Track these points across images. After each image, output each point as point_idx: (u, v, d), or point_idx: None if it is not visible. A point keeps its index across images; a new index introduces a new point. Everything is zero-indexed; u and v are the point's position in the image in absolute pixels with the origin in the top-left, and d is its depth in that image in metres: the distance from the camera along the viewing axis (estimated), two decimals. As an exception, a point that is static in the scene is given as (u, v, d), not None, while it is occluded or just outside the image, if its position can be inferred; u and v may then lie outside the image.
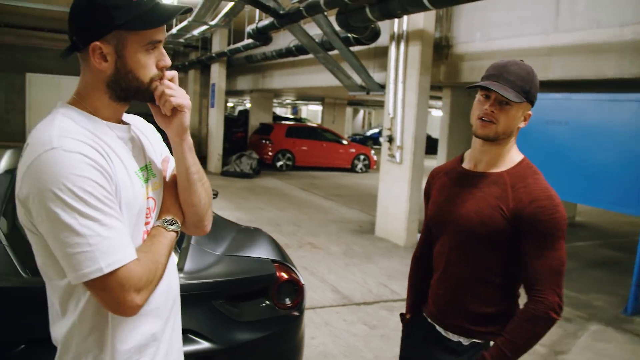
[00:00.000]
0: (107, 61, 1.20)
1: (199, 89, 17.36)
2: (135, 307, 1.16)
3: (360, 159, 17.15)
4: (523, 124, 1.69)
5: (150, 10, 1.19)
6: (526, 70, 1.64)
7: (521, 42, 6.09)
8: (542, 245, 1.58)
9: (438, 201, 1.81)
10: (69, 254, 1.10)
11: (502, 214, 1.62)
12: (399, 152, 7.38)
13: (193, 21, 10.23)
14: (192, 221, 1.41)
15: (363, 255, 6.72)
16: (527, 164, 1.70)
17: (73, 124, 1.18)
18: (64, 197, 1.08)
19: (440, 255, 1.80)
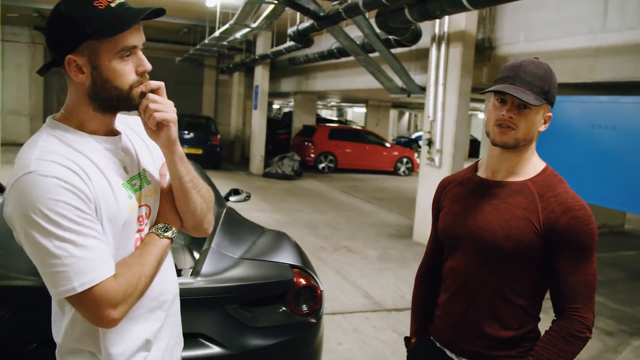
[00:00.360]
0: (83, 73, 1.20)
1: (243, 90, 17.55)
2: (113, 321, 1.19)
3: (403, 161, 16.96)
4: (543, 128, 1.55)
5: (118, 16, 1.17)
6: (544, 68, 1.51)
7: (566, 43, 5.86)
8: (578, 258, 1.46)
9: (452, 213, 1.66)
10: (47, 273, 1.14)
11: (532, 226, 1.48)
12: (438, 156, 7.23)
13: (235, 24, 10.32)
14: (191, 225, 1.43)
15: (399, 259, 6.60)
16: (552, 172, 1.57)
17: (57, 142, 1.20)
18: (39, 221, 1.11)
19: (453, 273, 1.65)
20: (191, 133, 14.33)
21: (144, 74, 1.26)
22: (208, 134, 14.59)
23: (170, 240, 1.36)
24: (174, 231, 1.37)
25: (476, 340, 1.58)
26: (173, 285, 1.46)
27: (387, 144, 17.30)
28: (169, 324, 1.43)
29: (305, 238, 7.31)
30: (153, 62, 5.51)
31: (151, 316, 1.36)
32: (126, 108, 1.27)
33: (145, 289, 1.27)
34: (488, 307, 1.56)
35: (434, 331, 1.71)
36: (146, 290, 1.28)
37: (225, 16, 11.71)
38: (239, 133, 18.08)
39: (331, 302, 4.89)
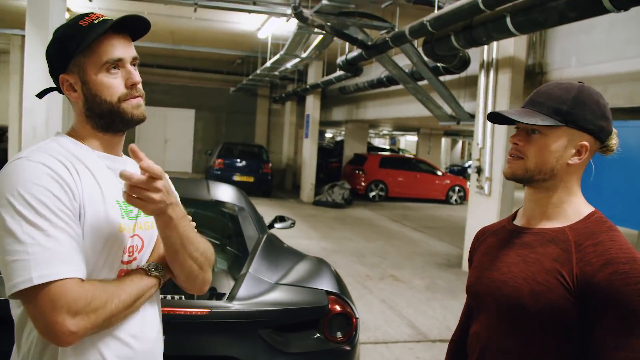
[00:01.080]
0: (75, 91, 1.23)
1: (295, 119, 17.81)
2: (67, 333, 1.04)
3: (455, 190, 16.69)
4: (577, 160, 1.26)
5: (96, 30, 1.19)
6: (565, 88, 1.27)
7: (620, 66, 5.68)
8: (623, 329, 1.11)
9: (480, 266, 1.40)
10: (7, 262, 1.05)
11: (562, 281, 1.18)
12: (488, 184, 7.09)
13: (285, 54, 10.55)
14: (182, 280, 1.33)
15: (447, 290, 6.46)
16: (599, 218, 1.26)
17: (56, 145, 1.21)
18: (14, 202, 1.06)
19: (475, 337, 1.37)
20: (243, 161, 14.63)
21: (134, 87, 1.24)
22: (260, 162, 14.85)
23: (159, 280, 1.25)
24: (164, 273, 1.27)
25: None
26: (153, 346, 1.28)
27: (438, 172, 17.09)
28: None
29: (352, 266, 7.27)
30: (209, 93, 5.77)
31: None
32: (122, 124, 1.25)
33: (115, 315, 1.13)
34: None
35: None
36: (117, 318, 1.14)
37: (277, 47, 12.00)
38: (290, 161, 18.30)
39: (374, 331, 4.83)
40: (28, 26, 6.35)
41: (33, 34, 6.35)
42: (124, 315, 1.17)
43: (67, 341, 1.05)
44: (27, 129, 6.51)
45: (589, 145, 1.26)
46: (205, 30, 12.89)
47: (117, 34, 1.22)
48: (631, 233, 8.88)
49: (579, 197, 1.31)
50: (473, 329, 1.40)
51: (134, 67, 1.25)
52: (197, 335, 2.30)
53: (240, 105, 20.03)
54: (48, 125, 6.49)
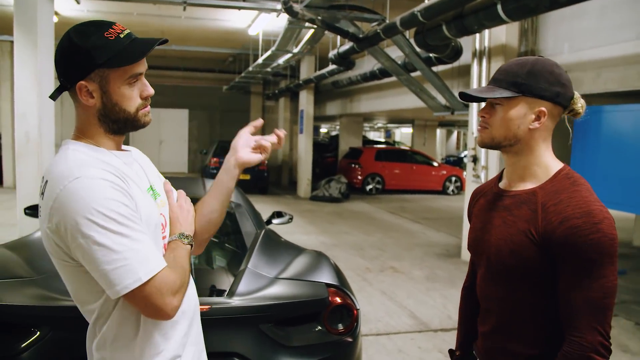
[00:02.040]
0: (93, 97, 1.29)
1: (289, 115, 17.79)
2: (175, 309, 1.26)
3: (451, 180, 16.71)
4: (537, 125, 1.41)
5: (128, 47, 1.27)
6: (521, 62, 1.43)
7: (612, 50, 5.68)
8: (578, 273, 1.31)
9: (474, 228, 1.61)
10: (108, 271, 1.19)
11: (532, 238, 1.37)
12: (484, 172, 7.09)
13: (277, 50, 10.52)
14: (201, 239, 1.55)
15: (446, 279, 6.47)
16: (565, 175, 1.42)
17: (85, 156, 1.28)
18: (96, 220, 1.18)
19: (479, 289, 1.60)
20: (239, 159, 14.55)
21: (147, 98, 1.36)
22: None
23: (191, 247, 1.43)
24: (192, 240, 1.44)
25: (503, 357, 1.51)
26: (195, 296, 1.50)
27: (434, 163, 17.10)
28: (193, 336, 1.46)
29: (351, 259, 7.28)
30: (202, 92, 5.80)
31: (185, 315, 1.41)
32: (132, 129, 1.37)
33: (188, 282, 1.36)
34: (509, 323, 1.49)
35: (475, 346, 1.68)
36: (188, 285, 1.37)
37: (268, 43, 11.97)
38: (286, 157, 18.29)
39: (376, 322, 4.83)
40: (16, 32, 6.32)
41: (22, 40, 6.32)
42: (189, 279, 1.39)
43: (174, 314, 1.27)
44: (20, 134, 6.48)
45: (547, 110, 1.42)
46: (195, 29, 12.85)
47: None
48: (628, 217, 8.91)
49: (548, 157, 1.47)
50: (477, 280, 1.62)
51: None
52: (199, 333, 2.29)
53: (233, 103, 19.99)
54: (41, 130, 6.47)
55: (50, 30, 6.59)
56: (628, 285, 6.29)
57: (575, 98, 1.46)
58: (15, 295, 2.29)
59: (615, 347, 4.40)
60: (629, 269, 7.02)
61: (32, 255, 2.64)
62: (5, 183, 13.74)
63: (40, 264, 2.47)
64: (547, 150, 1.47)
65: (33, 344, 2.16)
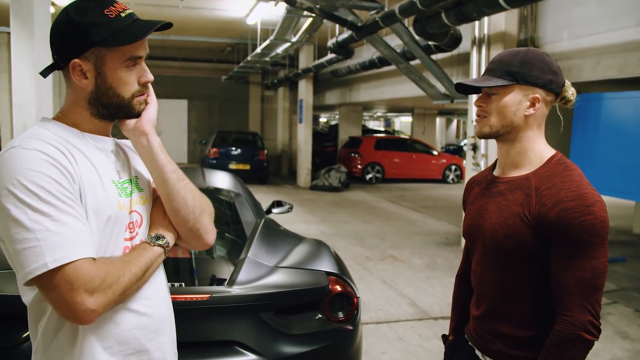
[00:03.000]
0: (87, 78, 1.20)
1: (288, 105, 17.77)
2: (88, 312, 1.08)
3: (451, 169, 16.71)
4: (532, 111, 1.46)
5: (128, 27, 1.18)
6: (514, 52, 1.49)
7: (612, 37, 5.66)
8: (570, 254, 1.35)
9: (469, 215, 1.65)
10: (18, 251, 1.07)
11: (526, 221, 1.41)
12: (484, 161, 7.09)
13: (275, 39, 10.48)
14: (185, 230, 1.33)
15: (446, 267, 6.48)
16: (557, 160, 1.47)
17: (46, 132, 1.19)
18: (16, 192, 1.07)
19: (473, 275, 1.65)
20: (238, 149, 14.58)
21: (146, 85, 1.27)
22: (255, 149, 14.80)
23: (163, 250, 1.28)
24: (168, 242, 1.29)
25: (496, 340, 1.54)
26: (167, 310, 1.34)
27: (434, 152, 17.09)
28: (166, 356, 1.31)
29: (351, 248, 7.29)
30: (200, 82, 5.77)
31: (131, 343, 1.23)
32: (124, 116, 1.27)
33: (129, 288, 1.17)
34: (503, 307, 1.53)
35: (467, 330, 1.70)
36: (131, 291, 1.19)
37: (266, 33, 11.92)
38: (285, 147, 18.27)
39: (376, 311, 4.85)
40: (13, 23, 6.28)
41: (18, 31, 6.28)
42: (137, 287, 1.21)
43: (88, 319, 1.09)
44: (18, 125, 6.46)
45: (541, 97, 1.47)
46: (193, 19, 12.79)
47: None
48: (628, 205, 8.92)
49: (541, 143, 1.52)
50: (472, 265, 1.66)
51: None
52: (199, 321, 2.30)
53: (232, 93, 19.94)
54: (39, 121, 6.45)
55: (47, 21, 6.54)
56: (628, 272, 6.31)
57: (566, 86, 1.51)
58: (14, 285, 2.29)
59: (614, 333, 4.43)
60: (629, 256, 7.03)
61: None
62: (5, 175, 13.71)
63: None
64: (540, 136, 1.52)
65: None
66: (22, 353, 2.14)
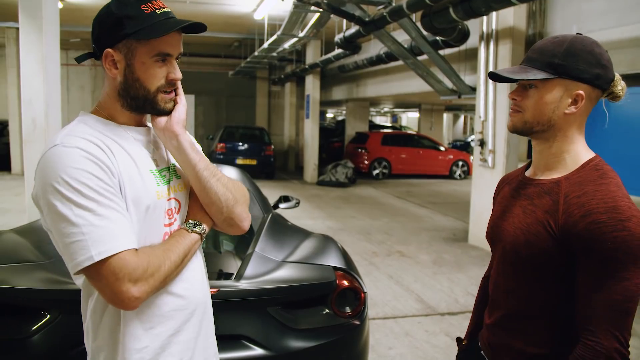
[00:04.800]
0: (117, 68, 1.26)
1: (295, 100, 17.75)
2: (133, 299, 1.16)
3: (458, 165, 16.67)
4: (573, 109, 1.31)
5: (159, 23, 1.24)
6: (558, 40, 1.31)
7: (622, 32, 5.61)
8: (599, 272, 1.20)
9: (494, 215, 1.53)
10: (66, 244, 1.14)
11: (550, 231, 1.27)
12: (491, 156, 7.06)
13: (282, 34, 10.46)
14: (221, 220, 1.40)
15: (453, 263, 6.47)
16: (593, 166, 1.31)
17: (85, 127, 1.26)
18: (60, 189, 1.14)
19: (490, 280, 1.54)
20: (245, 144, 14.60)
21: (173, 82, 1.31)
22: (262, 144, 14.81)
23: (200, 236, 1.35)
24: (205, 228, 1.36)
25: (506, 354, 1.44)
26: (202, 294, 1.40)
27: (441, 147, 17.05)
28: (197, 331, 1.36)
29: (358, 244, 7.29)
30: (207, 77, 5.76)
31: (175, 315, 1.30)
32: (152, 111, 1.32)
33: (169, 275, 1.24)
34: (514, 320, 1.41)
35: (481, 336, 1.61)
36: (171, 277, 1.26)
37: (274, 28, 11.90)
38: (292, 143, 18.27)
39: (383, 306, 4.85)
40: (21, 18, 6.30)
41: (27, 26, 6.30)
42: (176, 273, 1.28)
43: (133, 305, 1.17)
44: (27, 121, 6.49)
45: (586, 94, 1.30)
46: (200, 14, 12.77)
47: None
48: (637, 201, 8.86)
49: (580, 145, 1.36)
50: (491, 272, 1.56)
51: (177, 60, 1.32)
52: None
53: (239, 88, 19.95)
54: (48, 116, 6.47)
55: (55, 16, 6.56)
56: None
57: (616, 80, 1.34)
58: (25, 279, 2.31)
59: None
60: None
61: (40, 240, 2.66)
62: (14, 169, 13.81)
63: (48, 248, 2.48)
64: (580, 137, 1.37)
65: (43, 327, 2.18)
66: (32, 345, 2.16)
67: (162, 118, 1.33)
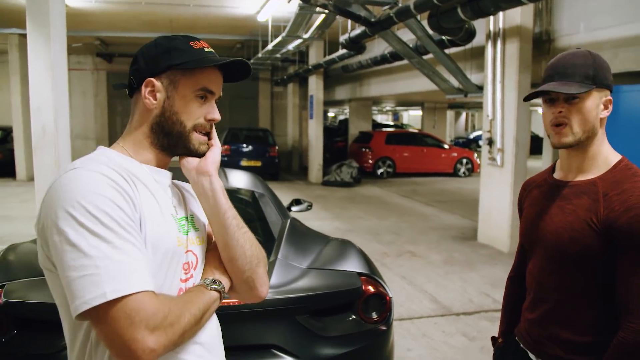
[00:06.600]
0: (155, 100, 1.19)
1: (298, 101, 17.75)
2: (147, 352, 0.96)
3: (462, 162, 16.68)
4: (606, 113, 1.49)
5: (206, 57, 1.21)
6: (582, 55, 1.47)
7: (629, 29, 5.61)
8: (639, 261, 1.35)
9: (529, 217, 1.65)
10: (72, 279, 0.97)
11: (593, 226, 1.41)
12: (500, 155, 7.06)
13: (287, 36, 10.47)
14: (240, 281, 1.25)
15: (464, 262, 6.49)
16: (625, 165, 1.47)
17: (105, 158, 1.15)
18: (75, 214, 0.99)
19: (531, 277, 1.64)
20: (249, 146, 14.60)
21: (212, 123, 1.25)
22: (266, 146, 14.82)
23: (219, 294, 1.19)
24: (224, 287, 1.21)
25: (553, 344, 1.54)
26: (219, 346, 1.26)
27: (445, 145, 17.06)
28: None
29: (368, 245, 7.30)
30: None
31: None
32: (183, 150, 1.23)
33: (188, 330, 1.06)
34: (561, 312, 1.52)
35: (519, 332, 1.70)
36: (189, 334, 1.08)
37: (277, 29, 11.90)
38: (295, 143, 18.28)
39: (398, 307, 4.86)
40: (29, 25, 6.31)
41: (35, 32, 6.31)
42: (195, 330, 1.11)
43: (147, 359, 0.97)
44: (36, 127, 6.50)
45: (610, 99, 1.50)
46: (204, 17, 12.79)
47: (217, 69, 1.24)
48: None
49: (608, 146, 1.53)
50: (528, 269, 1.66)
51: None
52: (235, 326, 2.31)
53: (242, 90, 19.90)
54: (57, 124, 6.49)
55: (62, 22, 6.57)
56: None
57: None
58: (47, 292, 2.31)
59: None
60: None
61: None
62: (18, 176, 13.82)
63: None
64: (605, 139, 1.53)
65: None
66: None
67: (194, 158, 1.24)
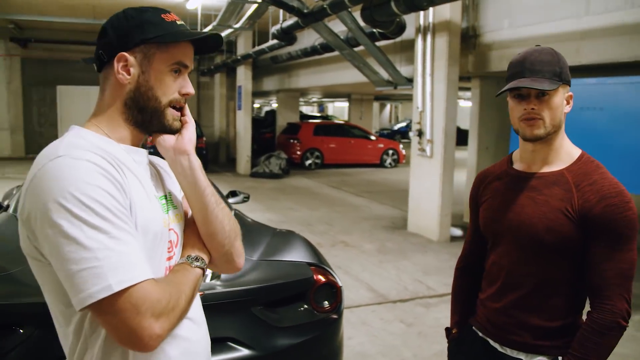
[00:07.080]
0: (129, 75, 1.15)
1: (225, 92, 17.49)
2: (154, 337, 0.99)
3: (389, 153, 17.06)
4: (568, 109, 1.56)
5: (180, 30, 1.18)
6: (549, 52, 1.52)
7: (551, 27, 5.94)
8: (612, 247, 1.44)
9: (491, 208, 1.66)
10: (73, 272, 0.96)
11: (569, 216, 1.48)
12: (430, 146, 7.29)
13: (217, 25, 10.26)
14: (219, 255, 1.26)
15: (397, 251, 6.66)
16: (588, 158, 1.55)
17: (84, 141, 1.10)
18: (69, 206, 0.96)
19: (497, 267, 1.65)
20: (176, 137, 14.21)
21: (186, 97, 1.22)
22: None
23: (202, 271, 1.20)
24: (205, 262, 1.22)
25: (522, 332, 1.58)
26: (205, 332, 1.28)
27: (372, 137, 17.38)
28: None
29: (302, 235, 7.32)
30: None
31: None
32: (158, 126, 1.20)
33: (185, 311, 1.10)
34: (533, 299, 1.56)
35: (476, 322, 1.72)
36: (185, 314, 1.11)
37: (207, 18, 11.64)
38: (223, 134, 18.02)
39: (337, 297, 4.92)
40: None
41: None
42: (188, 309, 1.13)
43: (153, 345, 1.00)
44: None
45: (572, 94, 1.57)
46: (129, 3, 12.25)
47: (190, 43, 1.22)
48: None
49: (567, 141, 1.59)
50: (492, 259, 1.68)
51: None
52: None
53: (166, 79, 19.40)
54: None
55: None
56: None
57: None
58: None
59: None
60: None
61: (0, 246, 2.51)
62: None
63: (13, 255, 2.34)
64: (565, 133, 1.59)
65: (19, 344, 2.06)
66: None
67: (170, 136, 1.22)
